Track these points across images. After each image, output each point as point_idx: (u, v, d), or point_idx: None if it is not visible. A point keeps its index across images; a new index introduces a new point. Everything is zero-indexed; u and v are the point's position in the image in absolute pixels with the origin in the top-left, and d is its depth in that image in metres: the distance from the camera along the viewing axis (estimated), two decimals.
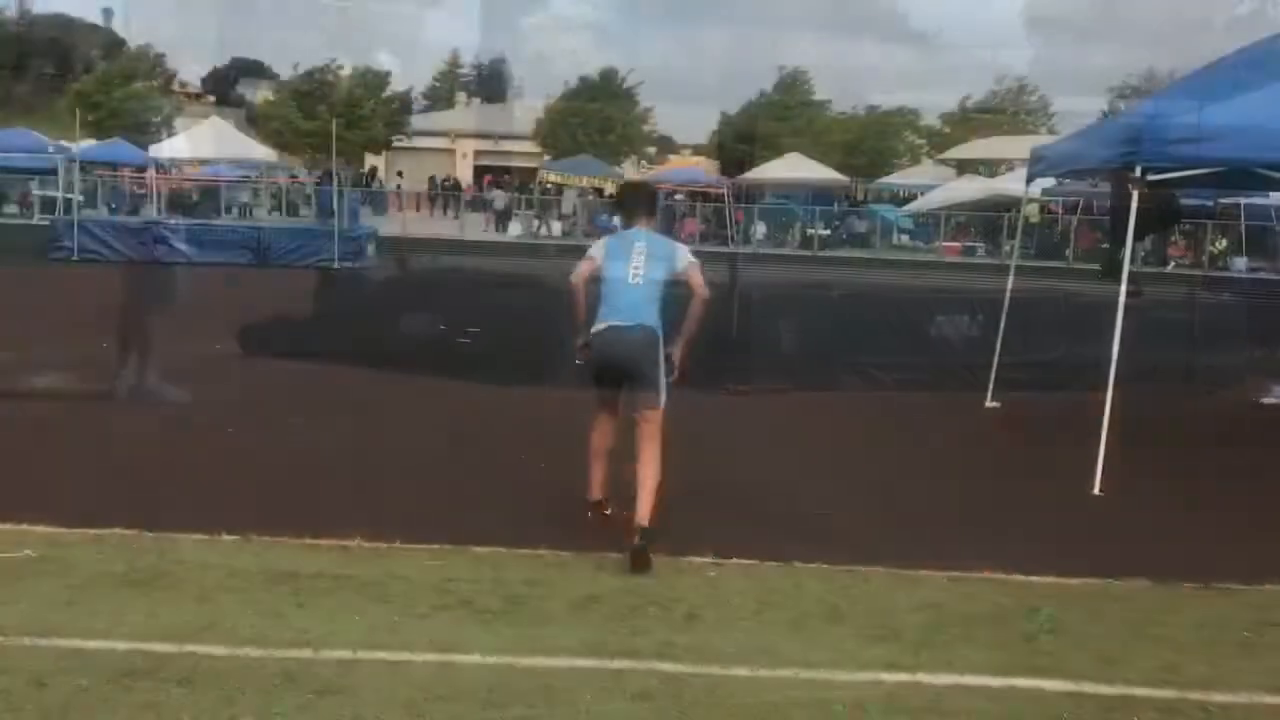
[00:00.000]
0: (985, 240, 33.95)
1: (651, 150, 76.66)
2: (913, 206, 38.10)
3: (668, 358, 5.97)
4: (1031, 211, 32.41)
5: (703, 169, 47.83)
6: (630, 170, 55.91)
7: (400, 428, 8.40)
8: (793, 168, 39.19)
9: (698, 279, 6.09)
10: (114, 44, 79.62)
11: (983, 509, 6.91)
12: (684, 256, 6.17)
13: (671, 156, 73.25)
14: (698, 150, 77.82)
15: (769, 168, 40.76)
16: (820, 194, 40.13)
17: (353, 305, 15.41)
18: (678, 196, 40.38)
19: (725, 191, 36.49)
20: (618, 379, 6.10)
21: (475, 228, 36.66)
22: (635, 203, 6.43)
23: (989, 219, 34.14)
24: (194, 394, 9.24)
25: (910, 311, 12.66)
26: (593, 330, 6.12)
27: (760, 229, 34.01)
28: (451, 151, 63.07)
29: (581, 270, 6.20)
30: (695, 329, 6.06)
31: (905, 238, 35.38)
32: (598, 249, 6.27)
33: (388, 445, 7.85)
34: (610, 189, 38.25)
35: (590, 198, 37.70)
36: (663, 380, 5.98)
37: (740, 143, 48.42)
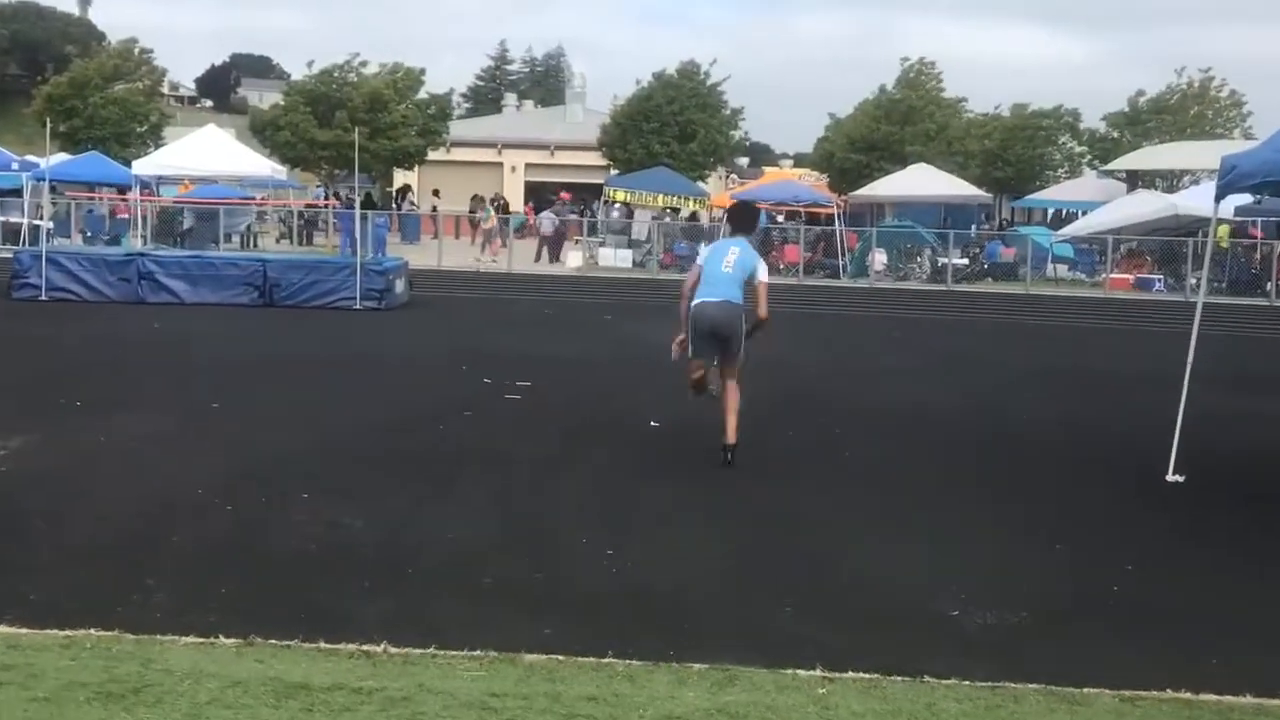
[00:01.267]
0: (1163, 270, 33.54)
1: (743, 162, 77.04)
2: (1071, 229, 37.82)
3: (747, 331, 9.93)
4: (1222, 235, 31.98)
5: (807, 184, 47.95)
6: (716, 187, 56.24)
7: (436, 504, 8.50)
8: (919, 182, 39.17)
9: (763, 298, 9.98)
10: (91, 38, 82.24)
11: (1160, 609, 6.80)
12: (762, 272, 10.09)
13: (768, 169, 73.60)
14: (800, 161, 78.03)
15: (889, 182, 40.79)
16: (954, 213, 40.02)
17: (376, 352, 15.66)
18: (778, 218, 40.55)
19: (835, 211, 36.53)
20: (712, 337, 9.94)
21: (527, 257, 37.06)
22: (741, 221, 10.82)
23: (1167, 245, 33.73)
24: (183, 463, 9.44)
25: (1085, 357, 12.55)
26: (694, 304, 9.96)
27: (879, 258, 33.94)
28: (498, 165, 63.91)
29: (691, 277, 10.20)
30: (756, 323, 9.99)
31: (1062, 268, 35.10)
32: (703, 255, 10.24)
33: (420, 526, 7.94)
34: (693, 209, 38.49)
35: (667, 220, 37.94)
36: (743, 340, 9.98)
37: (853, 151, 48.41)
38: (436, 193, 51.80)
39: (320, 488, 8.79)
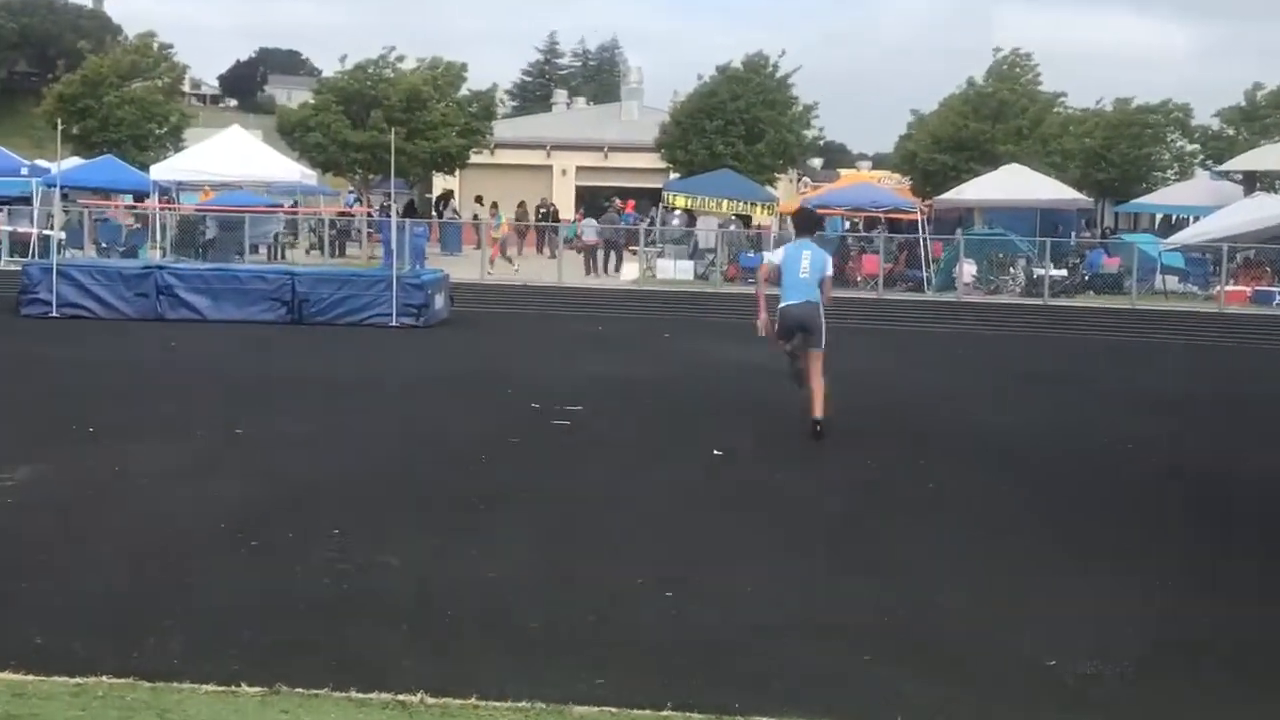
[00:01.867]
0: None
1: (816, 163, 76.89)
2: (1181, 236, 37.45)
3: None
4: None
5: (887, 187, 47.77)
6: (786, 191, 56.11)
7: (478, 541, 8.52)
8: (1012, 184, 38.93)
9: (828, 288, 13.37)
10: (106, 32, 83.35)
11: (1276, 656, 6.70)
12: (830, 268, 13.34)
13: (843, 171, 73.45)
14: (880, 162, 77.82)
15: (978, 184, 40.54)
16: (1051, 219, 39.73)
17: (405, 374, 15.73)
18: (854, 225, 40.40)
19: (918, 217, 36.37)
20: (796, 332, 13.04)
21: (579, 269, 37.14)
22: (805, 226, 14.11)
23: None
24: (203, 495, 9.52)
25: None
26: (780, 306, 12.94)
27: (968, 269, 33.75)
28: (546, 168, 64.10)
29: (763, 270, 13.69)
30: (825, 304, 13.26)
31: (1172, 280, 34.74)
32: (776, 255, 13.43)
33: (461, 566, 7.96)
34: (763, 217, 38.46)
35: (733, 228, 37.91)
36: (824, 332, 13.05)
37: (939, 151, 48.19)
38: (479, 199, 51.92)
39: (352, 523, 8.84)
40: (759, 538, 8.88)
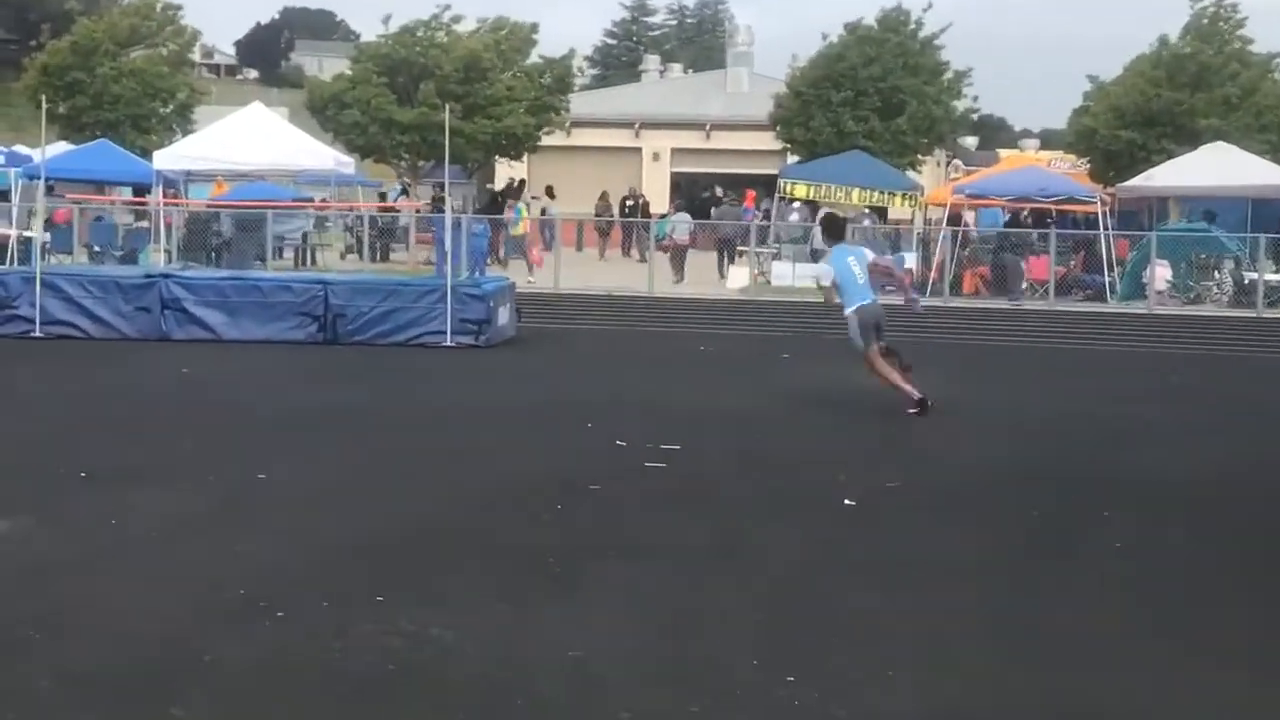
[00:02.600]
0: None
1: (970, 142, 76.51)
2: None
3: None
4: None
5: (1059, 172, 47.39)
6: (934, 177, 55.71)
7: (554, 611, 8.53)
8: (1217, 167, 38.41)
9: (885, 267, 18.83)
10: None
11: None
12: (870, 255, 18.09)
13: (1004, 151, 72.96)
14: (1049, 141, 77.21)
15: (1174, 168, 40.06)
16: (1266, 211, 39.14)
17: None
18: (1023, 214, 40.08)
19: (1098, 209, 36.04)
20: (875, 328, 16.76)
21: (671, 276, 37.14)
22: (836, 233, 18.21)
23: None
24: (220, 554, 9.60)
25: None
26: (856, 306, 16.84)
27: (1161, 273, 33.38)
28: (634, 151, 64.24)
29: (828, 280, 17.29)
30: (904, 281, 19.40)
31: None
32: (831, 266, 17.27)
33: (533, 641, 7.98)
34: (904, 209, 38.25)
35: (867, 223, 37.75)
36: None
37: (1123, 127, 47.74)
38: (549, 190, 52.03)
39: (399, 588, 8.88)
40: (900, 610, 8.83)
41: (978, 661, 7.86)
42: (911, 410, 16.46)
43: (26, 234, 33.26)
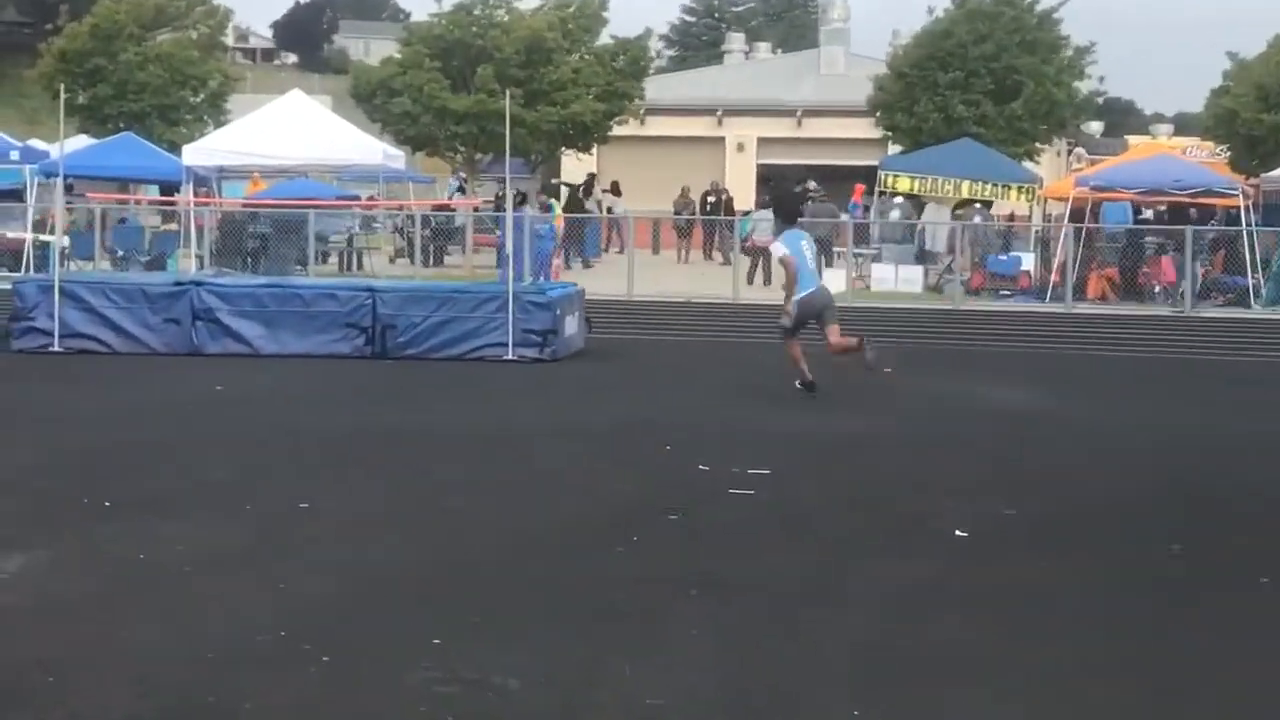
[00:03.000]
0: None
1: (1094, 128, 76.08)
2: None
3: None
4: None
5: (1195, 161, 47.04)
6: (1053, 168, 55.37)
7: (630, 654, 8.52)
8: None
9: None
10: None
11: None
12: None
13: (1132, 138, 72.57)
14: (1184, 126, 76.68)
15: None
16: None
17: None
18: (1148, 213, 39.84)
19: (1240, 203, 35.75)
20: (815, 315, 19.58)
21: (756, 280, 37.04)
22: (792, 215, 20.96)
23: None
24: (257, 590, 9.65)
25: None
26: (806, 293, 19.29)
27: None
28: (717, 141, 64.20)
29: (791, 260, 19.30)
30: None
31: None
32: (786, 248, 19.49)
33: (606, 687, 7.96)
34: (1021, 203, 38.00)
35: (978, 219, 37.56)
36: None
37: (1267, 109, 47.35)
38: (615, 187, 51.89)
39: (457, 629, 8.90)
40: (1020, 655, 8.78)
41: (1108, 713, 7.80)
42: (798, 385, 19.62)
43: (43, 238, 33.55)
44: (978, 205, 38.09)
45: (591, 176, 52.87)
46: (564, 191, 51.79)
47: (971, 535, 11.70)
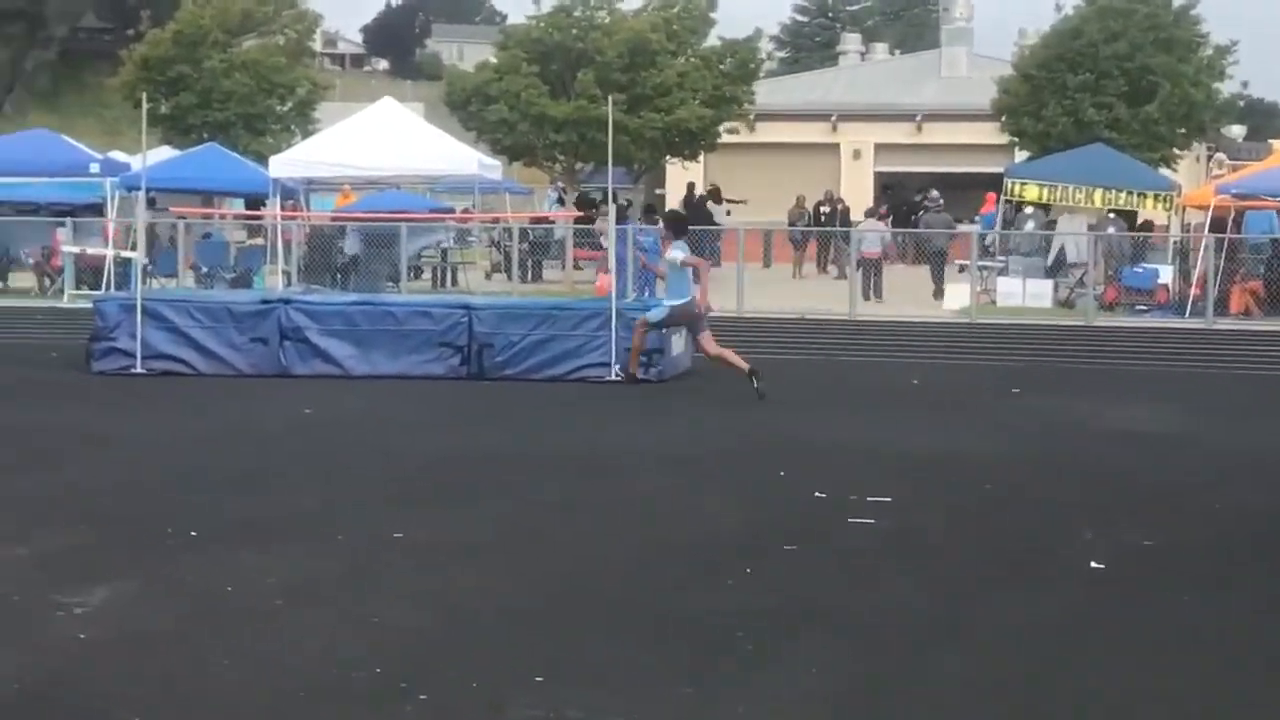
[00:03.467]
0: None
1: (1235, 132, 75.44)
2: None
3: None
4: None
5: None
6: (1191, 174, 54.90)
7: (747, 695, 8.50)
8: None
9: (691, 260, 22.80)
10: None
11: None
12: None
13: (1277, 143, 71.85)
14: None
15: None
16: None
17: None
18: None
19: None
20: (689, 326, 22.83)
21: (895, 296, 36.93)
22: (680, 230, 23.25)
23: None
24: (348, 625, 9.69)
25: None
26: (680, 302, 22.05)
27: None
28: (831, 148, 64.10)
29: (701, 262, 22.93)
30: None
31: None
32: (682, 253, 22.29)
33: None
34: (1159, 212, 37.63)
35: (1111, 230, 37.31)
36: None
37: None
38: (716, 193, 51.65)
39: (560, 664, 8.91)
40: (1169, 698, 8.72)
41: None
42: (621, 375, 22.62)
43: (125, 254, 33.81)
44: (1111, 215, 37.85)
45: (714, 189, 52.64)
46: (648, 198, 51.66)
47: (1108, 567, 11.61)
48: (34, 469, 15.54)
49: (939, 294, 37.47)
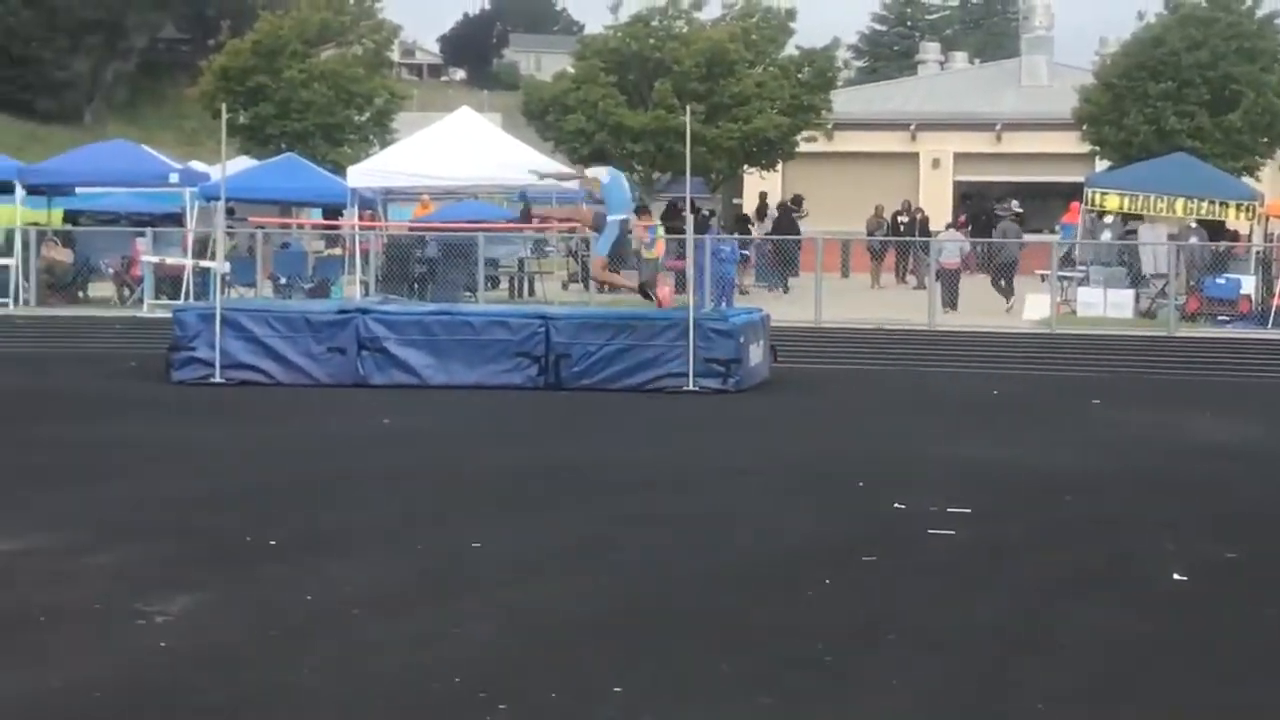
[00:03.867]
0: None
1: None
2: None
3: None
4: None
5: None
6: (1275, 181, 54.54)
7: (828, 704, 8.47)
8: None
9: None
10: None
11: None
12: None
13: None
14: None
15: None
16: None
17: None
18: None
19: None
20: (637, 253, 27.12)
21: (970, 303, 36.84)
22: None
23: None
24: (430, 637, 9.71)
25: None
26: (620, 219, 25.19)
27: None
28: (910, 157, 63.91)
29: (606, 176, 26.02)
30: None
31: None
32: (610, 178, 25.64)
33: None
34: (1242, 222, 37.37)
35: (1194, 240, 37.12)
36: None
37: None
38: (796, 201, 51.54)
39: (640, 676, 8.91)
40: (1250, 703, 8.65)
41: None
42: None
43: (204, 264, 34.06)
44: (1193, 224, 37.62)
45: (797, 198, 52.52)
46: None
47: (1191, 579, 11.54)
48: (114, 478, 15.66)
49: (1008, 303, 37.31)
